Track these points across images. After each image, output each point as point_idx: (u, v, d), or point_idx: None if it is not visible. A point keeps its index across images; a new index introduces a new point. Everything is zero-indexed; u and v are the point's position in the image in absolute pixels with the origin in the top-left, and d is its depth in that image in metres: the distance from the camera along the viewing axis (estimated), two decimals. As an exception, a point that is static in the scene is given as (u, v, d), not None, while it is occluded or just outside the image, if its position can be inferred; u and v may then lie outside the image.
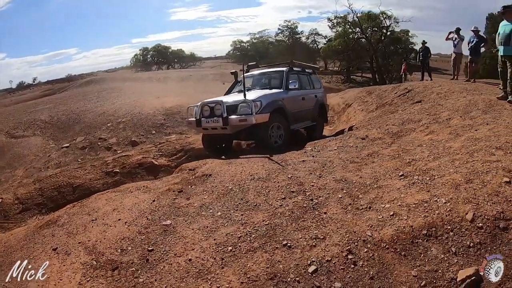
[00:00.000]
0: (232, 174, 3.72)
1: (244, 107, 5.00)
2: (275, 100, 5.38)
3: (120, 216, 3.10)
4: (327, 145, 4.53)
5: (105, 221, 3.06)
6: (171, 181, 4.03)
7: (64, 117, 9.97)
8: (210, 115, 5.31)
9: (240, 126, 5.01)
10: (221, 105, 5.08)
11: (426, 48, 10.49)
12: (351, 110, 9.25)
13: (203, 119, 5.32)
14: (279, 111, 5.38)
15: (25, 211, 5.81)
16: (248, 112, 4.90)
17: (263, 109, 5.02)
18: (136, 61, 45.72)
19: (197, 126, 5.47)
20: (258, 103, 4.99)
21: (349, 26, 22.55)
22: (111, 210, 3.29)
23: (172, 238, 2.64)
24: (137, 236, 2.73)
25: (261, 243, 2.40)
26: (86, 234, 2.89)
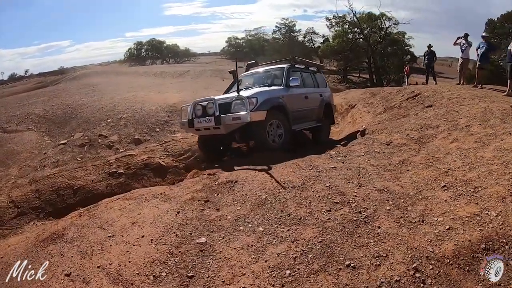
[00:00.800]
0: (262, 181, 3.46)
1: (238, 105, 4.67)
2: (274, 97, 5.05)
3: (142, 232, 2.73)
4: (352, 150, 4.34)
5: (126, 238, 2.68)
6: (192, 187, 3.72)
7: (59, 111, 9.30)
8: (203, 114, 4.95)
9: (234, 125, 4.64)
10: (213, 103, 4.73)
11: (431, 52, 10.47)
12: (355, 112, 9.14)
13: (196, 119, 4.95)
14: (279, 108, 5.06)
15: (21, 215, 5.30)
16: (242, 109, 4.56)
17: (259, 106, 4.68)
18: (130, 55, 44.28)
19: (190, 127, 5.08)
20: (253, 100, 4.65)
21: (348, 26, 22.57)
22: (130, 223, 2.91)
23: (213, 261, 2.31)
24: (170, 258, 2.37)
25: (322, 264, 2.16)
26: (105, 255, 2.47)
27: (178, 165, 6.13)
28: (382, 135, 4.82)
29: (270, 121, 4.84)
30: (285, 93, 5.37)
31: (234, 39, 43.05)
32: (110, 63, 49.82)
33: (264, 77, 6.18)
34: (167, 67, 23.49)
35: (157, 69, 20.73)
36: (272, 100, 4.94)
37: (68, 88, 14.47)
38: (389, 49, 21.14)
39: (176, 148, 6.45)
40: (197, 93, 9.76)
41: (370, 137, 4.84)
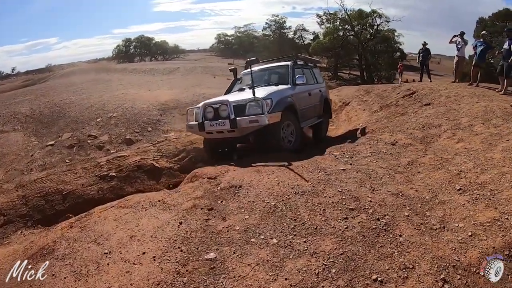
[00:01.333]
0: (268, 186, 3.25)
1: (253, 106, 4.43)
2: (285, 97, 4.88)
3: (143, 247, 2.47)
4: (357, 150, 4.18)
5: (124, 255, 2.40)
6: (192, 193, 3.47)
7: (47, 110, 8.75)
8: (215, 117, 4.67)
9: (250, 128, 4.44)
10: (228, 106, 4.46)
11: (426, 50, 10.39)
12: (350, 109, 9.02)
13: (207, 122, 4.66)
14: (290, 108, 4.89)
15: (8, 224, 4.92)
16: (259, 111, 4.33)
17: (274, 107, 4.49)
18: (118, 52, 42.96)
19: (200, 131, 4.81)
20: (268, 101, 4.45)
21: (338, 23, 22.49)
22: (128, 237, 2.63)
23: (226, 280, 2.08)
24: (177, 278, 2.11)
25: (347, 279, 1.98)
26: (102, 276, 2.20)
27: (173, 166, 5.85)
28: (385, 135, 4.69)
29: (284, 122, 4.67)
30: (293, 91, 5.19)
31: (223, 36, 42.57)
32: (98, 60, 48.31)
33: (268, 76, 5.94)
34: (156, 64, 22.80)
35: (146, 66, 20.09)
36: (284, 100, 4.76)
37: (55, 86, 13.77)
38: (380, 46, 21.18)
39: (170, 149, 6.15)
40: (188, 90, 9.42)
41: (373, 137, 4.70)
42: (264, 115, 4.24)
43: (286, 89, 5.14)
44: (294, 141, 4.90)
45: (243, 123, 4.34)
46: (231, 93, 5.78)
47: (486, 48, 7.36)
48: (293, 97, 5.08)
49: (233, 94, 5.58)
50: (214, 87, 10.19)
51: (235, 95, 5.31)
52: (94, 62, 45.04)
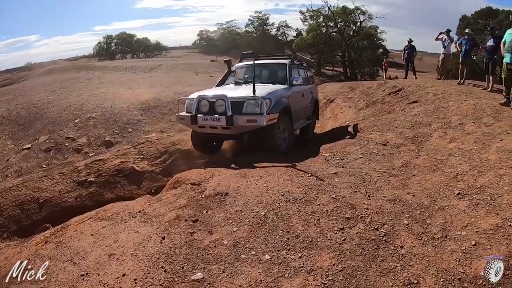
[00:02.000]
0: (257, 193, 3.00)
1: (252, 105, 4.18)
2: (283, 98, 4.66)
3: (123, 268, 2.17)
4: (346, 151, 4.00)
5: (103, 277, 2.11)
6: (175, 202, 3.17)
7: (24, 111, 8.15)
8: (209, 111, 4.37)
9: (246, 127, 4.20)
10: (225, 101, 4.17)
11: (412, 47, 10.35)
12: (335, 106, 8.91)
13: (200, 115, 4.35)
14: (286, 110, 4.68)
15: (-19, 236, 4.48)
16: (257, 111, 4.10)
17: (273, 108, 4.27)
18: (99, 50, 41.14)
19: (192, 124, 4.49)
20: (267, 101, 4.20)
21: (322, 20, 22.33)
22: (106, 256, 2.34)
23: None
24: None
25: (349, 302, 1.78)
26: None
27: (155, 169, 5.51)
28: (375, 134, 4.54)
29: (280, 123, 4.44)
30: (288, 92, 4.96)
31: (205, 32, 41.66)
32: (80, 57, 46.21)
33: (264, 73, 5.65)
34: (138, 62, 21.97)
35: (127, 63, 19.29)
36: (282, 101, 4.53)
37: (34, 85, 12.98)
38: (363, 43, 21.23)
39: (151, 151, 5.80)
40: (170, 88, 9.03)
41: (363, 136, 4.54)
42: (263, 115, 4.00)
43: (283, 89, 4.90)
44: (286, 143, 4.69)
45: (240, 122, 4.09)
46: (225, 87, 5.43)
47: (472, 45, 7.36)
48: (289, 98, 4.85)
49: (228, 88, 5.21)
50: (196, 85, 9.82)
51: (231, 89, 4.94)
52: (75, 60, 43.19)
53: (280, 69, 5.47)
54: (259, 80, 5.32)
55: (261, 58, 6.23)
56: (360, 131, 5.38)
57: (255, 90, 4.14)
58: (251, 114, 4.12)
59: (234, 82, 5.51)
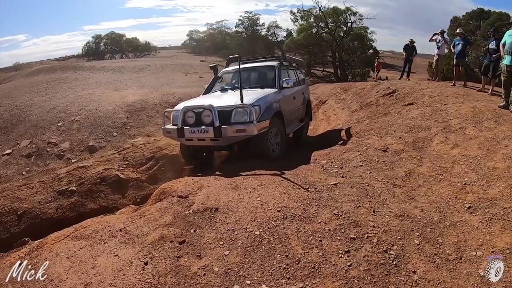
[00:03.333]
0: (250, 209, 2.71)
1: (240, 113, 3.88)
2: (273, 103, 4.37)
3: None
4: (344, 158, 3.75)
5: None
6: (160, 219, 2.84)
7: (6, 113, 7.61)
8: (196, 123, 4.06)
9: (236, 138, 3.90)
10: (212, 112, 3.86)
11: (413, 47, 10.01)
12: (327, 108, 8.68)
13: (187, 128, 4.04)
14: (277, 115, 4.40)
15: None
16: (246, 119, 3.81)
17: (263, 114, 3.98)
18: (88, 49, 40.02)
19: (179, 137, 4.17)
20: (257, 108, 3.91)
21: (313, 20, 22.10)
22: (82, 285, 2.04)
23: None
24: None
25: None
26: None
27: (140, 177, 5.15)
28: (373, 139, 4.31)
29: (271, 129, 4.15)
30: (279, 96, 4.67)
31: (195, 33, 41.06)
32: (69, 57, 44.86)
33: (252, 76, 5.37)
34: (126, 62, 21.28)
35: (116, 63, 18.60)
36: (272, 107, 4.23)
37: (20, 86, 12.32)
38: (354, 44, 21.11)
39: (136, 156, 5.43)
40: (158, 89, 8.63)
41: (360, 141, 4.30)
42: (252, 124, 3.72)
43: (273, 93, 4.59)
44: (279, 149, 4.42)
45: (229, 132, 3.80)
46: (212, 94, 5.13)
47: (464, 44, 7.18)
48: (280, 102, 4.57)
49: (215, 96, 4.93)
50: (185, 86, 9.45)
51: (218, 97, 4.64)
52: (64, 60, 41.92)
53: (268, 72, 5.18)
54: (247, 85, 5.06)
55: (249, 61, 5.93)
56: (356, 135, 5.15)
57: (242, 98, 3.82)
58: (240, 124, 3.83)
59: (221, 89, 5.21)
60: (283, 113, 4.60)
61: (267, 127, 4.01)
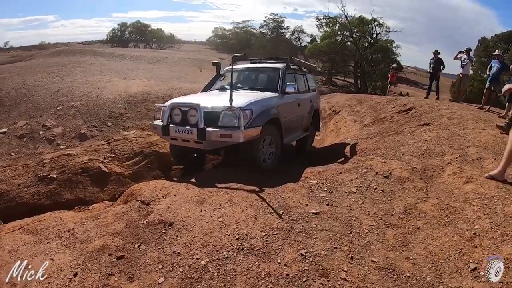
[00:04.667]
0: (207, 230, 2.26)
1: (228, 116, 3.45)
2: (269, 108, 3.89)
3: None
4: (338, 180, 3.19)
5: None
6: (111, 225, 2.49)
7: (13, 92, 7.59)
8: (182, 122, 3.70)
9: (221, 143, 3.49)
10: (197, 111, 3.47)
11: (438, 59, 8.50)
12: (339, 119, 8.05)
13: (172, 126, 3.70)
14: (273, 121, 3.93)
15: None
16: (234, 124, 3.38)
17: (254, 120, 3.52)
18: (113, 36, 40.79)
19: (164, 135, 3.85)
20: (247, 113, 3.47)
21: (338, 28, 21.31)
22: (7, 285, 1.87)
23: None
24: None
25: None
26: None
27: (124, 172, 4.80)
28: (377, 160, 3.72)
29: (264, 137, 3.72)
30: (279, 101, 4.20)
31: (221, 30, 40.88)
32: (94, 42, 46.01)
33: (254, 77, 4.95)
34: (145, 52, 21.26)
35: (134, 52, 18.56)
36: (268, 112, 3.76)
37: (36, 65, 12.53)
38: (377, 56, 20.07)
39: (125, 150, 5.10)
40: (165, 83, 8.32)
41: (362, 162, 3.72)
42: (239, 130, 3.30)
43: (272, 97, 4.13)
44: (272, 159, 3.94)
45: (213, 136, 3.39)
46: (209, 93, 4.74)
47: (500, 68, 6.26)
48: (279, 108, 4.10)
49: (211, 94, 4.54)
50: (195, 81, 9.12)
51: (211, 97, 4.25)
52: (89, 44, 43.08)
53: (271, 75, 4.69)
54: (247, 86, 4.63)
55: (256, 61, 5.48)
56: (361, 153, 4.56)
57: (232, 99, 3.36)
58: (227, 128, 3.40)
59: (220, 88, 4.79)
60: (281, 121, 4.11)
61: (258, 134, 3.54)
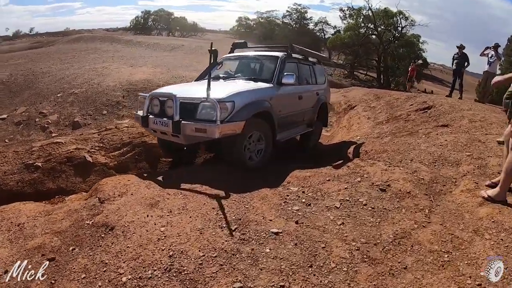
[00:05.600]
0: (144, 240, 1.92)
1: (207, 109, 3.06)
2: (259, 101, 3.43)
3: None
4: (323, 189, 2.66)
5: None
6: (59, 222, 2.31)
7: (21, 78, 7.70)
8: (160, 113, 3.39)
9: (197, 138, 3.10)
10: (174, 102, 3.10)
11: (463, 55, 7.59)
12: (354, 115, 7.36)
13: (151, 117, 3.41)
14: (263, 116, 3.48)
15: None
16: (212, 117, 2.97)
17: (236, 114, 3.08)
18: (136, 24, 41.34)
19: (143, 126, 3.59)
20: (228, 105, 3.04)
21: (361, 20, 19.85)
22: None
23: None
24: None
25: None
26: None
27: (109, 162, 4.55)
28: (378, 167, 3.12)
29: (251, 133, 3.31)
30: (274, 93, 3.73)
31: (245, 19, 40.04)
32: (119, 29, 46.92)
33: (251, 66, 4.54)
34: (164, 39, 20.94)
35: (152, 40, 18.34)
36: (255, 105, 3.33)
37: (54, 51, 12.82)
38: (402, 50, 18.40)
39: (114, 140, 4.84)
40: (171, 71, 8.01)
41: (359, 168, 3.14)
42: (215, 125, 2.89)
43: (265, 88, 3.67)
44: (260, 158, 3.51)
45: (188, 130, 3.03)
46: (199, 82, 4.33)
47: None
48: (273, 100, 3.64)
49: (199, 84, 4.09)
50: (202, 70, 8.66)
51: (198, 86, 3.78)
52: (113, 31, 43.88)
53: (268, 64, 4.21)
54: (242, 76, 4.21)
55: (257, 49, 5.02)
56: (364, 155, 3.98)
57: (209, 90, 2.98)
58: (203, 121, 3.01)
59: (213, 77, 4.36)
60: (274, 115, 3.62)
61: (241, 129, 3.11)
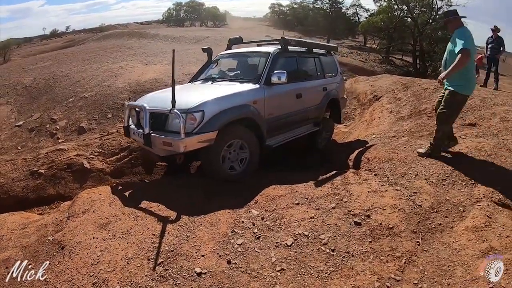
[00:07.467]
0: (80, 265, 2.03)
1: (174, 120, 2.96)
2: (238, 107, 3.21)
3: None
4: (286, 216, 2.38)
5: None
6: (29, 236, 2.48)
7: (42, 82, 8.29)
8: (138, 124, 3.44)
9: (166, 151, 3.02)
10: (144, 113, 3.04)
11: (498, 38, 6.67)
12: (377, 107, 6.77)
13: (132, 127, 3.48)
14: (247, 121, 3.30)
15: None
16: (177, 129, 2.84)
17: (207, 124, 2.93)
18: (168, 16, 42.79)
19: (126, 136, 3.66)
20: (196, 115, 2.90)
21: (395, 2, 18.08)
22: None
23: None
24: None
25: None
26: None
27: (105, 168, 4.72)
28: (368, 185, 2.74)
29: (229, 142, 3.19)
30: (261, 94, 3.48)
31: (278, 6, 39.18)
32: (152, 22, 48.78)
33: (238, 65, 4.36)
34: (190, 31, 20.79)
35: (179, 33, 18.28)
36: (232, 112, 3.14)
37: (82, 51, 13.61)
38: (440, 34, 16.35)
39: (113, 145, 5.00)
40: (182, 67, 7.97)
41: (345, 185, 2.79)
42: (178, 139, 2.80)
43: (246, 91, 3.40)
44: (244, 167, 3.36)
45: (157, 143, 2.99)
46: (186, 86, 4.20)
47: None
48: (259, 103, 3.42)
49: (183, 89, 3.89)
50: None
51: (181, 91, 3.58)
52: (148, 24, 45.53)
53: (255, 62, 3.99)
54: (229, 77, 4.01)
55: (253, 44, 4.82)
56: (365, 163, 3.58)
57: (174, 100, 2.83)
58: (173, 133, 2.92)
59: (204, 78, 4.23)
60: (258, 119, 3.40)
61: (212, 140, 2.97)
